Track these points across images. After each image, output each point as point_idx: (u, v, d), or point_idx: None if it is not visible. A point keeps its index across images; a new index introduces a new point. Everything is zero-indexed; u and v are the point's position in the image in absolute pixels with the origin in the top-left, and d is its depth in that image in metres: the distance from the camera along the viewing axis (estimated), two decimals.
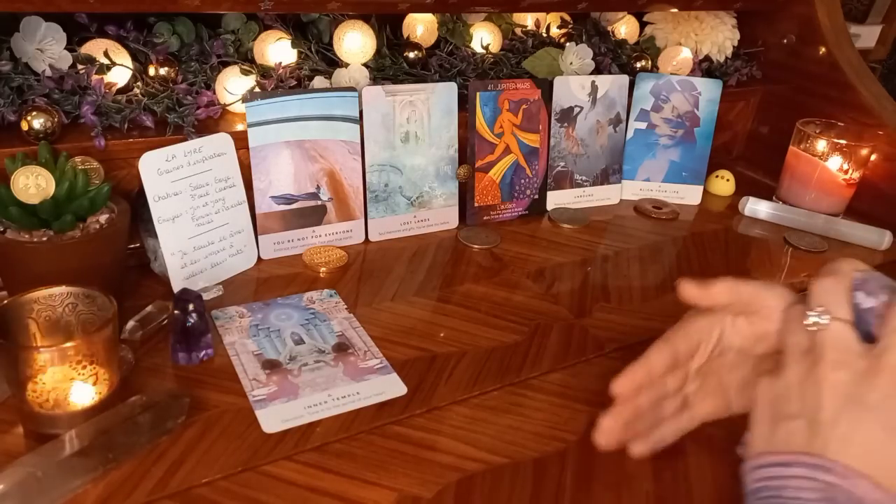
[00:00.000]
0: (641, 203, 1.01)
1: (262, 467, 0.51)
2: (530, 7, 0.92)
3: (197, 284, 0.70)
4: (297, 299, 0.72)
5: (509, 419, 0.58)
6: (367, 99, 0.80)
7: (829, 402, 0.40)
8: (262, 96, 0.75)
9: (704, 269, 0.86)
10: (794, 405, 0.41)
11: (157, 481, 0.49)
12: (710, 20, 1.11)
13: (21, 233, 0.61)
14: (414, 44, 0.92)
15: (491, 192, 0.91)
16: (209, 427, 0.55)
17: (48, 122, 0.67)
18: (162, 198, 0.68)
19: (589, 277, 0.81)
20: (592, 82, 0.96)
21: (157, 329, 0.65)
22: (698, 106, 1.01)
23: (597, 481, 0.53)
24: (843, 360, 0.41)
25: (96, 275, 0.60)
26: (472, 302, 0.74)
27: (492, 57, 0.97)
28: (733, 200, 1.04)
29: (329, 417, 0.56)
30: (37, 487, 0.45)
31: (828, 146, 0.98)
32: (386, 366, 0.63)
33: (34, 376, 0.49)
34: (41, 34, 0.71)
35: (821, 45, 1.08)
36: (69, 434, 0.49)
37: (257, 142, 0.75)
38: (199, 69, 0.80)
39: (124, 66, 0.75)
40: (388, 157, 0.83)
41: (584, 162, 0.98)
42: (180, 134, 0.73)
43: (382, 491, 0.50)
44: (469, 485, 0.52)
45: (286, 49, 0.83)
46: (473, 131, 0.88)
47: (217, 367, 0.61)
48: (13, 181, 0.60)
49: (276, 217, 0.78)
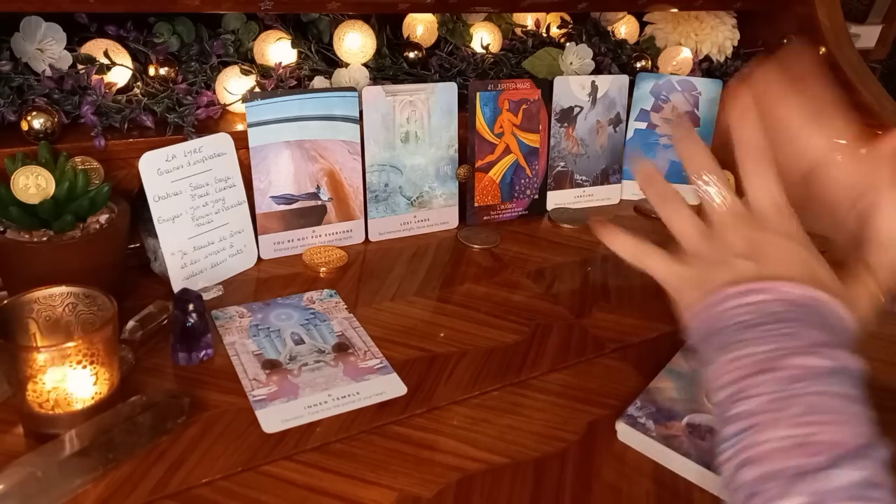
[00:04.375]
0: (642, 203, 1.01)
1: (262, 467, 0.51)
2: (530, 7, 0.92)
3: (197, 284, 0.70)
4: (297, 299, 0.72)
5: (509, 419, 0.58)
6: (367, 99, 0.80)
7: (736, 244, 0.43)
8: (262, 96, 0.75)
9: None
10: (710, 257, 0.44)
11: (157, 481, 0.49)
12: (710, 20, 1.11)
13: (21, 233, 0.61)
14: (414, 44, 0.92)
15: (491, 192, 0.91)
16: (209, 427, 0.55)
17: (48, 122, 0.67)
18: (162, 198, 0.68)
19: (589, 277, 0.81)
20: (592, 82, 0.96)
21: (157, 329, 0.65)
22: (698, 106, 1.01)
23: (597, 481, 0.53)
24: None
25: (96, 275, 0.59)
26: (472, 302, 0.74)
27: (492, 57, 0.97)
28: None
29: (329, 417, 0.56)
30: (37, 487, 0.45)
31: None
32: (386, 366, 0.63)
33: (34, 376, 0.49)
34: (41, 34, 0.71)
35: (821, 45, 1.08)
36: (69, 434, 0.49)
37: (257, 142, 0.75)
38: (199, 69, 0.80)
39: (124, 66, 0.75)
40: (388, 157, 0.83)
41: (584, 162, 0.98)
42: (180, 134, 0.73)
43: (382, 491, 0.50)
44: (469, 485, 0.52)
45: (286, 49, 0.83)
46: (473, 131, 0.88)
47: (217, 367, 0.61)
48: (13, 181, 0.60)
49: (276, 217, 0.78)
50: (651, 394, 0.61)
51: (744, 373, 0.36)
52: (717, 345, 0.38)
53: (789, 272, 0.41)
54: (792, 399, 0.34)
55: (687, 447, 0.55)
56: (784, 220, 0.44)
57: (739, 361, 0.36)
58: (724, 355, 0.37)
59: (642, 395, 0.60)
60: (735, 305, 0.39)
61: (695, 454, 0.54)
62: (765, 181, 0.45)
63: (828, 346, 0.36)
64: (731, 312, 0.39)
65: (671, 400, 0.60)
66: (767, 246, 0.42)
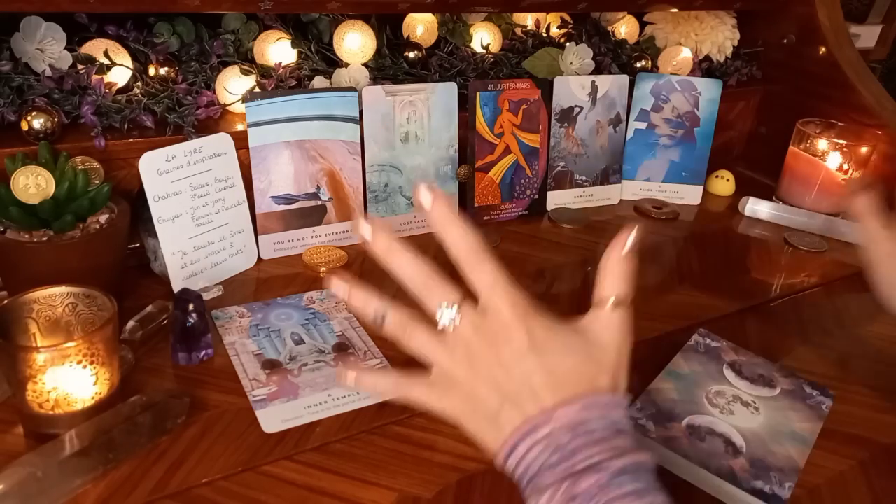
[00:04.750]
0: (641, 203, 1.01)
1: (262, 467, 0.52)
2: (530, 7, 0.92)
3: (197, 284, 0.70)
4: (297, 299, 0.72)
5: None
6: (367, 99, 0.80)
7: (501, 380, 0.43)
8: (262, 96, 0.75)
9: (704, 269, 0.86)
10: (485, 402, 0.44)
11: (157, 481, 0.49)
12: (710, 20, 1.11)
13: (21, 233, 0.61)
14: (414, 44, 0.92)
15: (491, 192, 0.91)
16: (209, 427, 0.55)
17: (48, 122, 0.67)
18: (162, 198, 0.68)
19: (589, 277, 0.81)
20: (592, 82, 0.96)
21: (157, 329, 0.65)
22: (698, 106, 1.01)
23: None
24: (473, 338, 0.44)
25: (96, 275, 0.60)
26: None
27: (492, 57, 0.97)
28: (733, 200, 1.04)
29: (329, 417, 0.56)
30: (37, 487, 0.45)
31: (828, 146, 0.98)
32: (386, 366, 0.63)
33: (34, 376, 0.49)
34: (41, 34, 0.71)
35: (821, 45, 1.08)
36: (69, 434, 0.49)
37: (257, 142, 0.75)
38: (199, 69, 0.80)
39: (124, 66, 0.75)
40: (388, 157, 0.83)
41: (584, 162, 0.98)
42: (180, 134, 0.73)
43: (382, 491, 0.50)
44: (469, 485, 0.52)
45: (286, 49, 0.83)
46: (473, 131, 0.88)
47: (217, 367, 0.61)
48: (13, 181, 0.60)
49: (276, 217, 0.78)
50: (651, 395, 0.61)
51: None
52: (531, 490, 0.41)
53: (558, 392, 0.42)
54: None
55: (687, 449, 0.55)
56: (524, 322, 0.44)
57: (552, 501, 0.40)
58: (540, 498, 0.40)
59: (642, 397, 0.60)
60: (530, 445, 0.42)
61: (694, 456, 0.54)
62: (490, 280, 0.45)
63: (612, 454, 0.40)
64: (531, 455, 0.42)
65: (671, 401, 0.60)
66: (529, 373, 0.43)
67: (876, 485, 0.56)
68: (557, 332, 0.45)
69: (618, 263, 0.47)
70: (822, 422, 0.60)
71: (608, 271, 0.47)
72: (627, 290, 0.46)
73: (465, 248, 0.45)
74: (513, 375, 0.43)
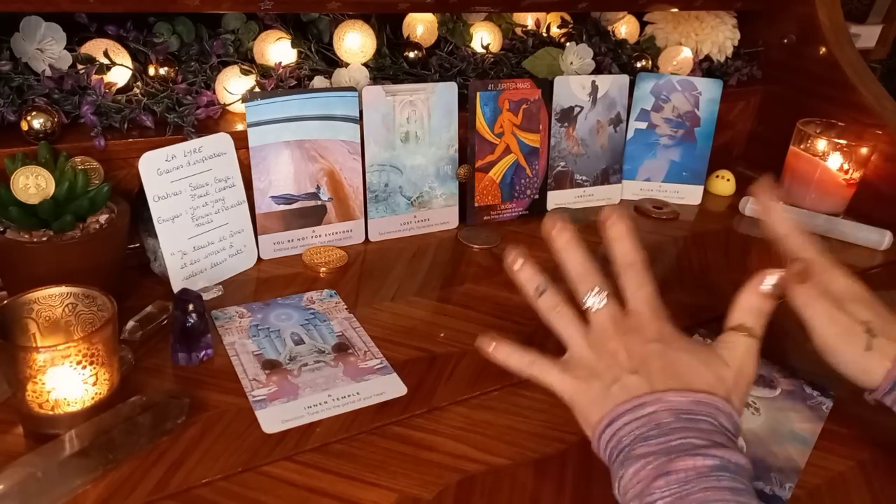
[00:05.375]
0: (642, 203, 1.01)
1: (262, 468, 0.51)
2: (530, 7, 0.92)
3: (197, 284, 0.70)
4: (297, 299, 0.72)
5: (509, 420, 0.58)
6: (367, 99, 0.80)
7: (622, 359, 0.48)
8: (261, 96, 0.75)
9: (705, 269, 0.86)
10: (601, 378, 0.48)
11: (157, 481, 0.49)
12: (710, 20, 1.11)
13: (21, 233, 0.61)
14: (414, 43, 0.92)
15: (491, 192, 0.91)
16: (209, 427, 0.55)
17: (48, 122, 0.67)
18: (162, 198, 0.68)
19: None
20: (593, 82, 0.96)
21: (157, 329, 0.65)
22: (699, 106, 1.01)
23: (597, 481, 0.53)
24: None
25: (96, 275, 0.60)
26: (473, 302, 0.74)
27: (492, 57, 0.97)
28: (734, 200, 1.04)
29: (329, 418, 0.56)
30: (37, 487, 0.45)
31: (828, 146, 0.98)
32: (386, 366, 0.63)
33: (34, 376, 0.49)
34: (41, 34, 0.71)
35: (821, 45, 1.08)
36: (69, 434, 0.49)
37: (257, 142, 0.75)
38: (199, 69, 0.80)
39: (124, 66, 0.75)
40: (388, 156, 0.83)
41: (584, 162, 0.98)
42: (180, 134, 0.73)
43: (382, 491, 0.50)
44: (469, 485, 0.52)
45: (286, 49, 0.83)
46: (473, 131, 0.88)
47: (217, 367, 0.61)
48: (13, 181, 0.60)
49: (276, 217, 0.78)
50: None
51: (645, 482, 0.41)
52: (622, 460, 0.43)
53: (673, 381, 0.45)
54: (685, 498, 0.39)
55: None
56: (659, 323, 0.49)
57: (640, 473, 0.41)
58: (629, 468, 0.42)
59: None
60: (630, 420, 0.44)
61: None
62: (641, 287, 0.50)
63: (713, 445, 0.41)
64: (628, 428, 0.44)
65: None
66: (650, 356, 0.47)
67: (876, 485, 0.56)
68: (687, 340, 0.49)
69: (756, 297, 0.50)
70: (822, 422, 0.60)
71: (745, 301, 0.50)
72: (760, 324, 0.49)
73: (630, 260, 0.51)
74: (633, 356, 0.47)
